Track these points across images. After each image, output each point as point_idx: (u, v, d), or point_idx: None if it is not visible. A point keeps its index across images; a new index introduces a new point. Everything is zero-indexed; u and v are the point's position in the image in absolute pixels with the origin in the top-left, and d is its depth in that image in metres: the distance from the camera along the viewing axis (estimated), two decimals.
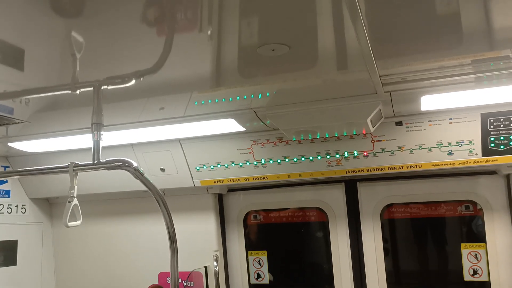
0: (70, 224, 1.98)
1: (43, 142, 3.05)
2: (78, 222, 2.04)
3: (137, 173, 1.95)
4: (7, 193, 3.62)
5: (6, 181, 3.62)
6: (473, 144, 2.73)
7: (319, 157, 3.01)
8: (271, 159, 3.10)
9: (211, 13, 1.40)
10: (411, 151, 2.85)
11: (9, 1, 1.26)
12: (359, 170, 2.99)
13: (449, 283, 3.39)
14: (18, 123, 2.52)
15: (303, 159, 3.05)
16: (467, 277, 3.22)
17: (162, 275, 3.67)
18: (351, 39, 1.58)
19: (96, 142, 1.99)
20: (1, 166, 3.56)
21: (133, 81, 1.92)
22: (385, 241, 3.40)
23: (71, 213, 2.00)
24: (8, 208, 3.61)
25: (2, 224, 3.57)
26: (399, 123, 2.83)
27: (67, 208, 1.98)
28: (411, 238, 3.56)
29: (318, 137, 2.88)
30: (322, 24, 1.48)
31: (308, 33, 1.55)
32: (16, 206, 3.68)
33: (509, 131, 2.65)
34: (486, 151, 2.73)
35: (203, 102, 2.35)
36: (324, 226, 3.57)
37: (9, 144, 3.10)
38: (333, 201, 3.49)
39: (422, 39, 1.66)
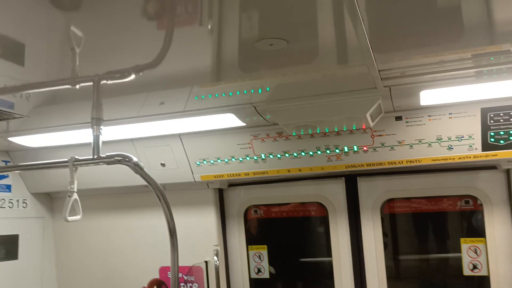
0: (70, 218, 1.99)
1: (44, 137, 3.06)
2: (78, 217, 2.04)
3: (137, 168, 1.95)
4: (8, 187, 3.62)
5: (7, 176, 3.62)
6: (473, 139, 2.73)
7: (319, 152, 3.01)
8: (271, 154, 3.10)
9: (211, 7, 1.39)
10: (411, 146, 2.85)
11: None
12: (359, 165, 2.99)
13: (449, 277, 3.40)
14: (19, 117, 2.52)
15: (303, 154, 3.05)
16: (466, 271, 3.22)
17: (163, 270, 3.69)
18: (349, 33, 1.57)
19: (96, 137, 1.99)
20: (2, 161, 3.56)
21: (133, 76, 1.92)
22: (385, 235, 3.41)
23: (71, 207, 2.00)
24: (9, 202, 3.62)
25: (3, 219, 3.58)
26: (398, 118, 2.83)
27: (67, 203, 1.99)
28: (411, 232, 3.56)
29: (318, 132, 2.88)
30: (319, 18, 1.48)
31: (306, 27, 1.55)
32: (17, 200, 3.69)
33: (509, 126, 2.65)
34: (486, 146, 2.73)
35: (203, 96, 2.35)
36: (324, 221, 3.58)
37: (10, 138, 3.10)
38: (333, 195, 3.49)
39: (421, 33, 1.66)
